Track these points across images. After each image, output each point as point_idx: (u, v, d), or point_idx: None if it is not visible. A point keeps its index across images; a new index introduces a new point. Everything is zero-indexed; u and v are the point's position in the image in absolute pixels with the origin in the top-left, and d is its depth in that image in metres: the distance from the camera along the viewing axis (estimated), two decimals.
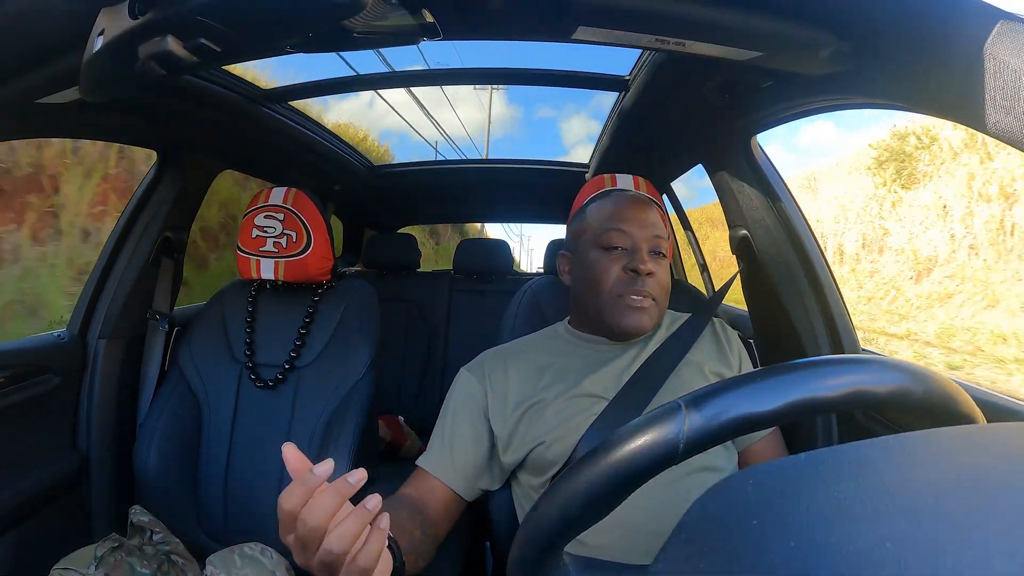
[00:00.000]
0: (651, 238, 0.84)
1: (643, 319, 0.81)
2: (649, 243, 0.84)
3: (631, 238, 0.83)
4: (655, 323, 0.83)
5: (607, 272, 0.83)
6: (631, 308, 0.81)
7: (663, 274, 0.83)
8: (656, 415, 0.34)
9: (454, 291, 2.29)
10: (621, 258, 0.83)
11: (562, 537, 0.36)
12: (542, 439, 0.75)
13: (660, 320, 0.85)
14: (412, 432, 1.89)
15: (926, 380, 0.35)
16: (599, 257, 0.84)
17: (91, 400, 1.18)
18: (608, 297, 0.82)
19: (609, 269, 0.83)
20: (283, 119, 1.34)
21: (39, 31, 0.67)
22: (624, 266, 0.82)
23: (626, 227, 0.84)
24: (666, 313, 0.92)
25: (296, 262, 1.18)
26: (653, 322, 0.82)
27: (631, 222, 0.85)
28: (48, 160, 2.89)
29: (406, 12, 0.59)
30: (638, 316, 0.81)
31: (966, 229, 6.19)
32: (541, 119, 15.50)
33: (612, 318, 0.82)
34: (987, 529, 0.21)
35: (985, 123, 0.52)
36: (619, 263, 0.83)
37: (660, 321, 0.86)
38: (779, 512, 0.25)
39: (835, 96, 0.79)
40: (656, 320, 0.83)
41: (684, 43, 0.68)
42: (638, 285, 0.80)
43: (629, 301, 0.81)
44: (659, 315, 0.84)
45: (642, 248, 0.83)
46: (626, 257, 0.83)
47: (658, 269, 0.82)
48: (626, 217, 0.85)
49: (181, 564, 1.00)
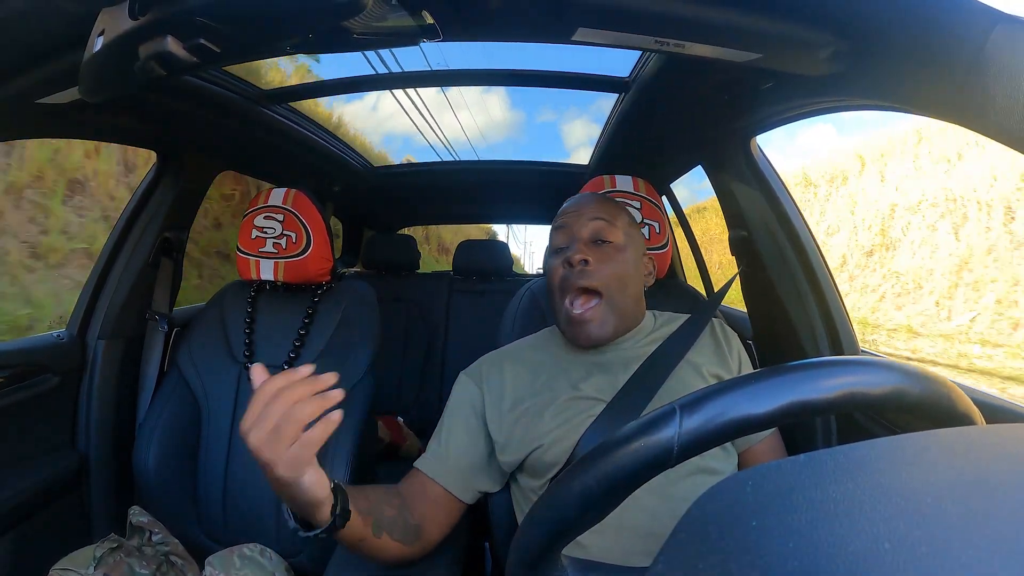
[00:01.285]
0: (588, 223, 0.81)
1: (591, 330, 0.78)
2: (588, 232, 0.81)
3: (569, 231, 0.82)
4: (613, 325, 0.80)
5: (554, 273, 0.82)
6: (575, 323, 0.79)
7: (608, 263, 0.79)
8: (650, 419, 0.34)
9: (453, 292, 2.29)
10: (563, 255, 0.81)
11: (559, 540, 0.36)
12: (540, 442, 0.75)
13: (625, 317, 0.81)
14: (411, 433, 1.89)
15: (922, 381, 0.35)
16: (550, 262, 0.84)
17: (90, 400, 1.18)
18: (558, 305, 0.81)
19: (555, 270, 0.81)
20: (282, 119, 1.34)
21: (39, 31, 0.67)
22: (563, 260, 0.80)
23: (564, 220, 0.83)
24: (661, 313, 0.92)
25: (296, 263, 1.18)
26: (607, 327, 0.79)
27: (569, 215, 0.84)
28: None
29: (406, 13, 0.59)
30: (586, 329, 0.78)
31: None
32: (543, 123, 15.48)
33: (568, 332, 0.81)
34: (986, 530, 0.21)
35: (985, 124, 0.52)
36: (561, 260, 0.81)
37: (626, 318, 0.82)
38: (778, 513, 0.25)
39: (835, 98, 0.79)
40: (613, 321, 0.79)
41: (684, 45, 0.68)
42: (574, 278, 0.78)
43: (572, 316, 0.79)
44: (616, 315, 0.80)
45: (579, 238, 0.80)
46: (566, 254, 0.80)
47: (597, 256, 0.79)
48: (566, 212, 0.85)
49: (180, 565, 1.00)
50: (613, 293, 0.79)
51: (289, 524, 0.58)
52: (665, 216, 1.15)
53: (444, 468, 0.78)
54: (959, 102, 0.54)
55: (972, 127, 0.55)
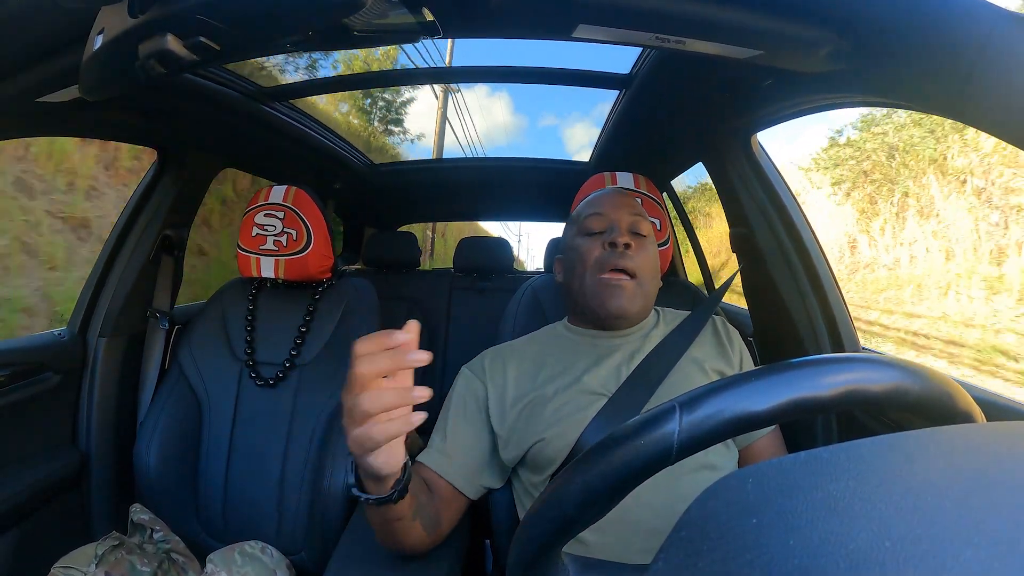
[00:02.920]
0: (628, 217, 0.86)
1: (623, 298, 0.81)
2: (627, 222, 0.85)
3: (608, 219, 0.86)
4: (640, 305, 0.83)
5: (588, 252, 0.85)
6: (609, 287, 0.81)
7: (643, 252, 0.84)
8: (651, 416, 0.34)
9: (454, 289, 2.29)
10: (600, 239, 0.85)
11: (559, 537, 0.36)
12: (541, 436, 0.75)
13: (647, 304, 0.85)
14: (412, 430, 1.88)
15: (923, 378, 0.35)
16: (581, 242, 0.87)
17: (91, 398, 1.18)
18: (590, 278, 0.84)
19: (591, 250, 0.85)
20: (283, 117, 1.34)
21: (39, 29, 0.67)
22: (602, 243, 0.84)
23: (603, 209, 0.87)
24: (666, 310, 0.92)
25: (296, 260, 1.18)
26: (636, 304, 0.82)
27: (608, 205, 0.87)
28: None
29: (406, 10, 0.59)
30: (618, 295, 0.81)
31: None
32: (545, 127, 15.37)
33: (595, 300, 0.83)
34: (986, 528, 0.21)
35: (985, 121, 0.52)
36: (598, 243, 0.85)
37: (648, 306, 0.86)
38: (778, 510, 0.25)
39: (835, 95, 0.79)
40: (640, 301, 0.83)
41: (684, 42, 0.68)
42: (615, 259, 0.82)
43: (607, 279, 0.82)
44: (643, 297, 0.84)
45: (620, 226, 0.84)
46: (606, 236, 0.84)
47: (637, 245, 0.83)
48: (603, 203, 0.88)
49: (181, 562, 1.01)
50: (645, 279, 0.84)
51: (348, 478, 0.60)
52: (666, 213, 1.15)
53: (450, 465, 0.78)
54: (960, 99, 0.54)
55: (973, 124, 0.55)
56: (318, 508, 1.03)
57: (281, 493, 1.09)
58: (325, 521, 1.01)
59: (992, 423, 0.32)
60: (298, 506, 1.08)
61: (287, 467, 1.09)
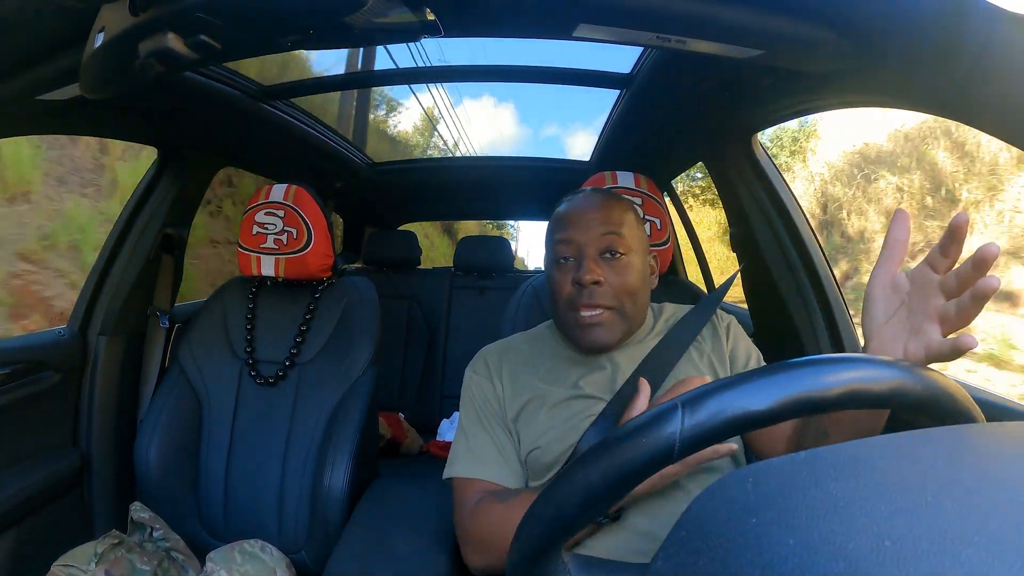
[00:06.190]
0: (598, 239, 0.78)
1: (599, 334, 0.77)
2: (597, 245, 0.78)
3: (575, 245, 0.79)
4: (622, 331, 0.79)
5: (560, 286, 0.79)
6: (583, 326, 0.77)
7: (620, 276, 0.77)
8: (653, 415, 0.34)
9: (454, 288, 2.29)
10: (571, 269, 0.79)
11: (560, 536, 0.37)
12: (537, 444, 0.75)
13: (633, 324, 0.80)
14: (412, 429, 1.89)
15: (923, 379, 0.35)
16: (553, 273, 0.81)
17: (91, 397, 1.18)
18: (563, 315, 0.80)
19: (561, 283, 0.79)
20: (283, 116, 1.34)
21: (40, 28, 0.67)
22: (572, 278, 0.78)
23: (570, 234, 0.79)
24: (664, 305, 0.90)
25: (297, 259, 1.18)
26: (616, 333, 0.78)
27: (576, 226, 0.79)
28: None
29: (407, 9, 0.59)
30: (595, 332, 0.77)
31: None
32: (547, 137, 15.41)
33: (572, 334, 0.80)
34: (986, 528, 0.21)
35: (986, 122, 0.52)
36: (569, 275, 0.78)
37: (635, 324, 0.81)
38: (778, 510, 0.25)
39: (836, 95, 0.79)
40: (621, 328, 0.78)
41: (685, 41, 0.68)
42: (584, 298, 0.76)
43: (579, 319, 0.77)
44: (623, 321, 0.78)
45: (588, 255, 0.77)
46: (574, 267, 0.78)
47: (608, 273, 0.77)
48: (571, 221, 0.80)
49: (181, 561, 1.01)
50: (624, 305, 0.78)
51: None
52: (666, 212, 1.14)
53: (503, 469, 0.76)
54: (960, 100, 0.54)
55: (973, 124, 0.55)
56: (318, 507, 1.03)
57: (281, 491, 1.09)
58: (325, 520, 1.01)
59: (992, 423, 0.32)
60: (298, 505, 1.08)
61: (287, 465, 1.09)
